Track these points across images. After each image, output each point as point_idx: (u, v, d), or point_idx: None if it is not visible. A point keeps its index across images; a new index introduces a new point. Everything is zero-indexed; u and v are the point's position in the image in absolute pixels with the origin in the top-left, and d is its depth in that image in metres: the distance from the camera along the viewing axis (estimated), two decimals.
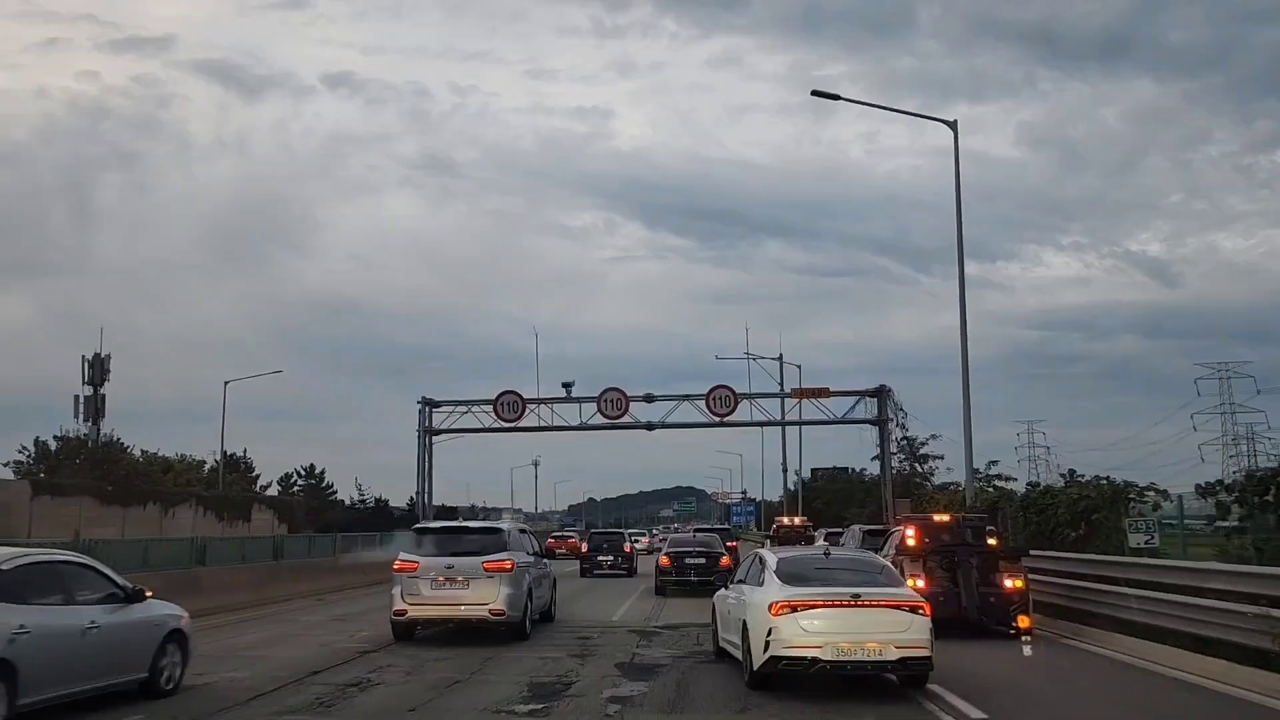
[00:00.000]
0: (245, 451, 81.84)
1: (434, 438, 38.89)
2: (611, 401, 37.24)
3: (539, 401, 38.02)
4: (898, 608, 10.60)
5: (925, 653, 10.38)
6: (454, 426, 38.81)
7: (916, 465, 46.50)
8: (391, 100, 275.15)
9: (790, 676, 10.71)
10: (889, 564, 12.92)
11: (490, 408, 37.90)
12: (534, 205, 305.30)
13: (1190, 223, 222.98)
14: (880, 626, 10.38)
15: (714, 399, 37.06)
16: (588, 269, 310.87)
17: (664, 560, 25.09)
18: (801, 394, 37.22)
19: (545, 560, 19.20)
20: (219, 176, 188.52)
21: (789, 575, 11.27)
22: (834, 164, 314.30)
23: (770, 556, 12.19)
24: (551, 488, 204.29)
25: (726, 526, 60.04)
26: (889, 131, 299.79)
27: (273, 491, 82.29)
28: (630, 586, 27.94)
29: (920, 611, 10.62)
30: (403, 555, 15.73)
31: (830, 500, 71.94)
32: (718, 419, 37.31)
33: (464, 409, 38.62)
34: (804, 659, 10.34)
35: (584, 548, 37.74)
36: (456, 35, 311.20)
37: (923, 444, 45.46)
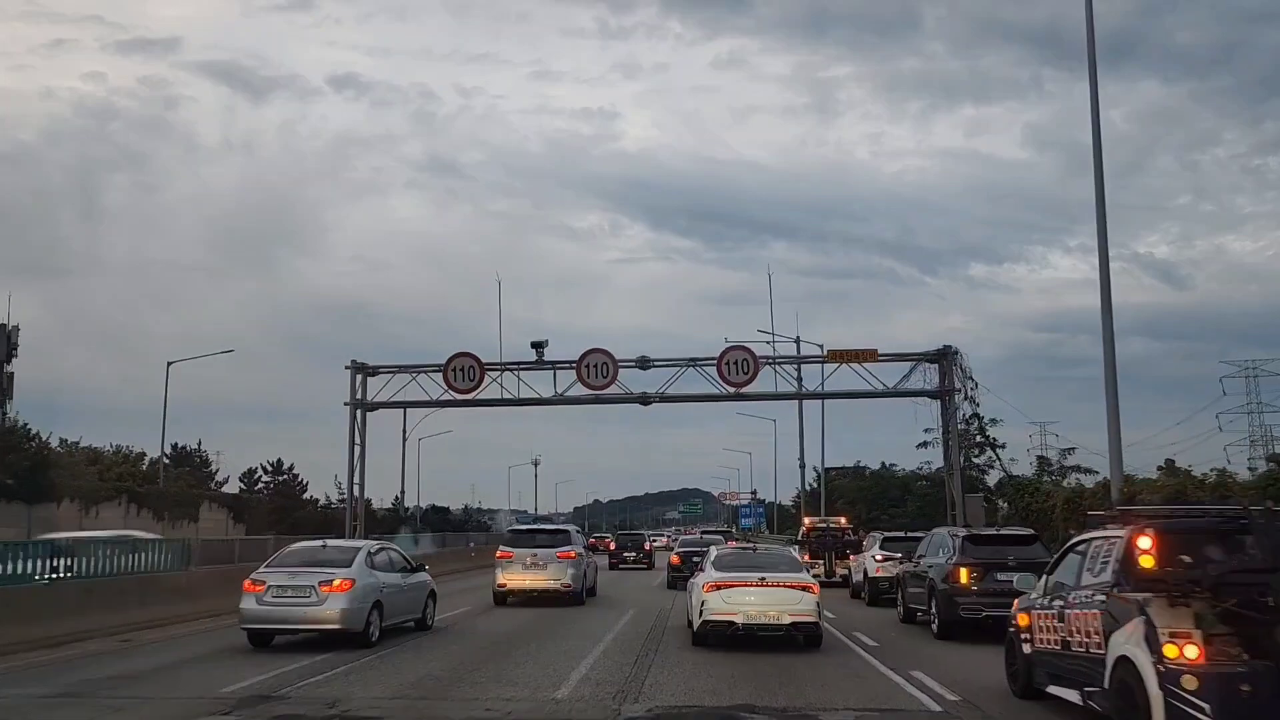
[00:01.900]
0: (200, 444, 73.54)
1: (368, 412, 30.40)
2: (595, 368, 28.80)
3: (501, 367, 29.59)
4: (792, 587, 14.38)
5: (812, 619, 14.23)
6: (396, 399, 30.34)
7: (971, 455, 38.04)
8: (397, 102, 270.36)
9: (718, 634, 14.31)
10: (795, 555, 17.19)
11: (440, 375, 29.46)
12: (539, 207, 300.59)
13: (1198, 225, 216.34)
14: (779, 600, 14.18)
15: (728, 364, 28.61)
16: (593, 270, 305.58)
17: (674, 559, 28.82)
18: (842, 357, 28.70)
19: (590, 553, 26.41)
20: (226, 178, 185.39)
21: (722, 565, 15.28)
22: (839, 165, 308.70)
23: (714, 551, 16.78)
24: (552, 488, 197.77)
25: (728, 529, 69.39)
26: (894, 133, 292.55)
27: (233, 489, 74.08)
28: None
29: (810, 591, 14.40)
30: (502, 547, 23.00)
31: (854, 499, 63.39)
32: (733, 389, 28.84)
33: (408, 376, 30.16)
34: (724, 622, 14.18)
35: (613, 546, 45.41)
36: (462, 37, 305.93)
37: (990, 424, 36.22)
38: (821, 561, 29.13)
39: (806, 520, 31.67)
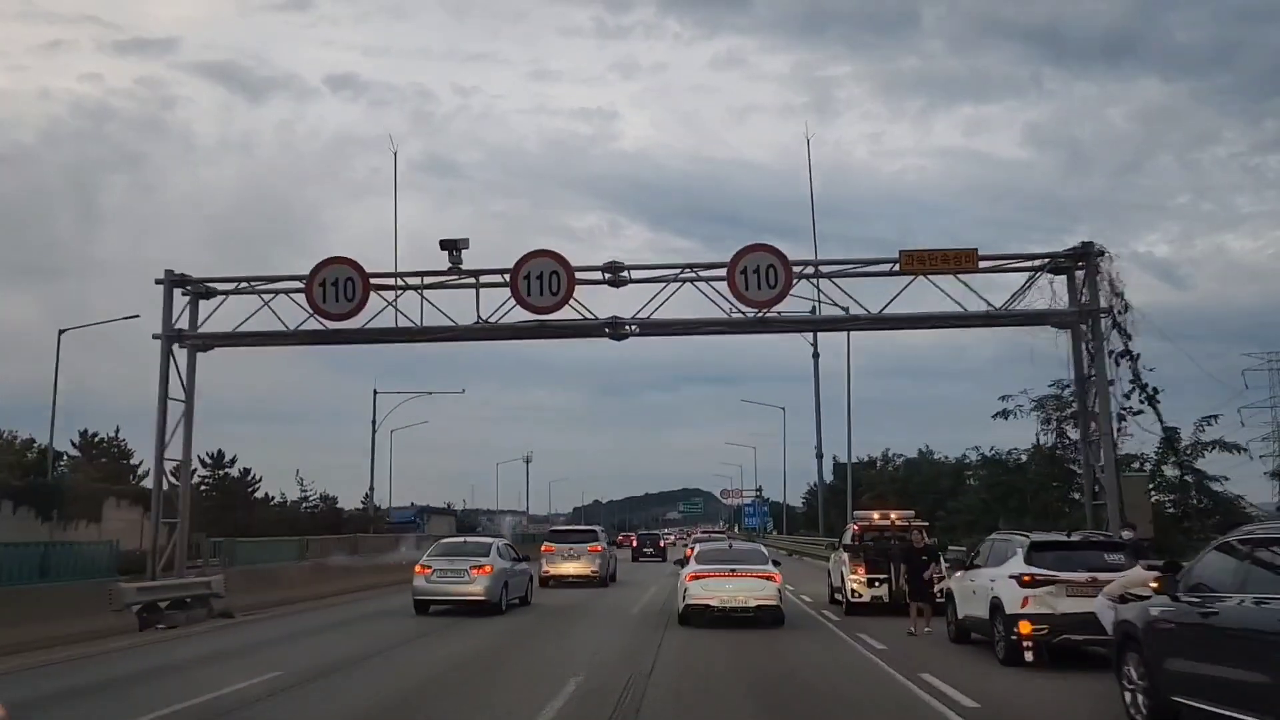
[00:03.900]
0: (118, 432, 63.09)
1: (200, 351, 20.11)
2: (540, 281, 18.58)
3: (399, 283, 19.31)
4: (758, 578, 16.94)
5: (774, 602, 16.83)
6: (245, 330, 20.03)
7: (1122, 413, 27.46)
8: (395, 102, 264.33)
9: (698, 615, 16.76)
10: (763, 550, 19.07)
11: (302, 294, 19.18)
12: (538, 207, 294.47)
13: (1198, 224, 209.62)
14: (746, 588, 16.80)
15: (746, 273, 18.39)
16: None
17: (689, 552, 30.32)
18: (923, 263, 18.47)
19: (614, 548, 35.01)
20: (224, 178, 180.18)
21: (703, 559, 17.83)
22: (839, 165, 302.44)
23: (697, 547, 20.23)
24: (546, 487, 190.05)
25: (728, 528, 78.65)
26: (894, 132, 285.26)
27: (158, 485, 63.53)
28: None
29: (772, 580, 16.96)
30: (545, 543, 29.77)
31: (881, 494, 53.09)
32: (753, 312, 18.59)
33: (258, 298, 19.84)
34: (702, 606, 16.73)
35: (635, 543, 55.11)
36: (459, 37, 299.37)
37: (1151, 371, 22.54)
38: (885, 577, 19.01)
39: (858, 515, 21.38)
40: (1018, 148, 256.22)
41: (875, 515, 21.06)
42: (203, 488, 67.81)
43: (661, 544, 54.29)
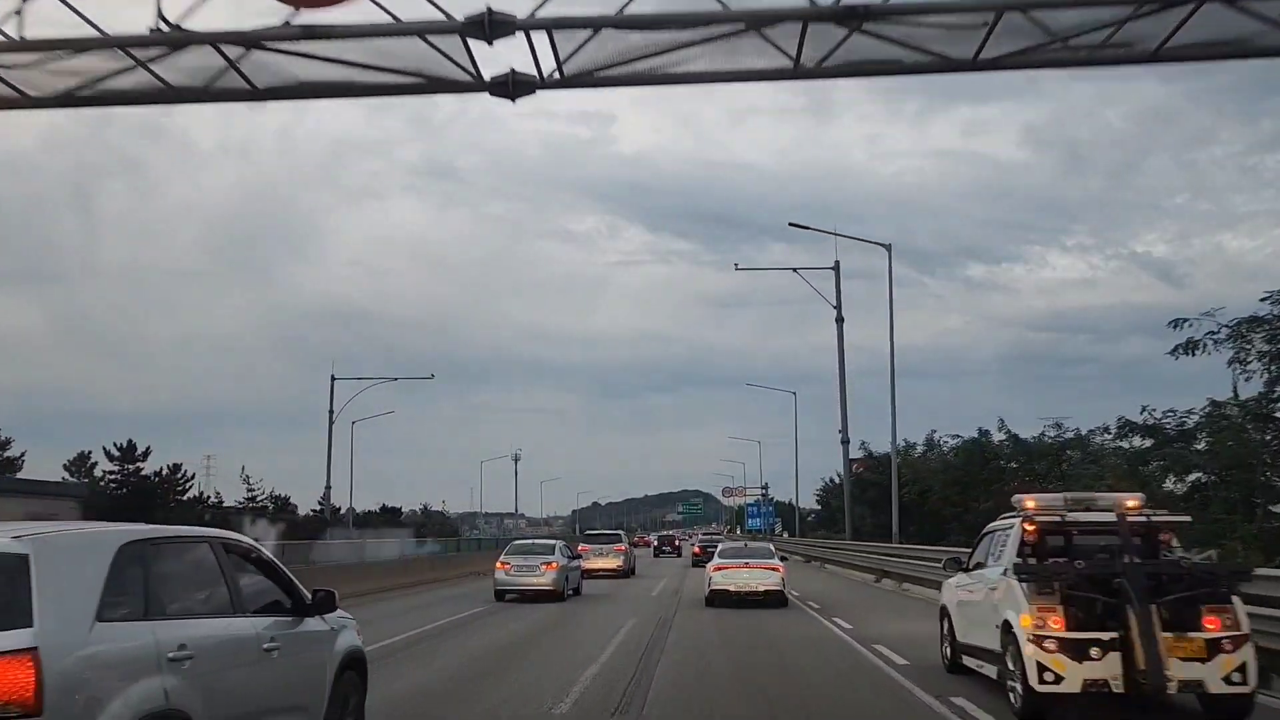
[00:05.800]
0: None
1: None
2: None
3: None
4: (766, 569, 21.38)
5: (778, 589, 21.14)
6: None
7: None
8: (394, 106, 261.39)
9: (720, 598, 21.15)
10: (770, 546, 25.68)
11: None
12: (537, 210, 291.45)
13: (1196, 223, 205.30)
14: (756, 577, 21.14)
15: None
16: (592, 273, 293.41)
17: (696, 550, 45.86)
18: None
19: (633, 548, 42.31)
20: (223, 183, 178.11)
21: (724, 554, 22.74)
22: (837, 167, 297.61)
23: (721, 545, 26.62)
24: (537, 488, 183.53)
25: (729, 529, 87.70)
26: (891, 133, 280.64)
27: (48, 476, 53.34)
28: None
29: (777, 571, 21.46)
30: (582, 545, 34.97)
31: (923, 493, 42.27)
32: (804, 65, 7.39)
33: None
34: (724, 591, 21.07)
35: (654, 542, 71.90)
36: None
37: None
38: (1113, 637, 8.22)
39: (1029, 505, 10.23)
40: (1015, 148, 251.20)
41: (1076, 500, 10.09)
42: (110, 484, 57.36)
43: (675, 543, 70.22)
